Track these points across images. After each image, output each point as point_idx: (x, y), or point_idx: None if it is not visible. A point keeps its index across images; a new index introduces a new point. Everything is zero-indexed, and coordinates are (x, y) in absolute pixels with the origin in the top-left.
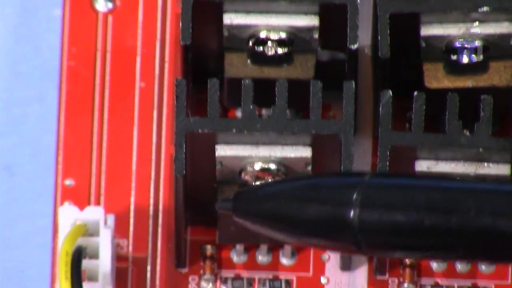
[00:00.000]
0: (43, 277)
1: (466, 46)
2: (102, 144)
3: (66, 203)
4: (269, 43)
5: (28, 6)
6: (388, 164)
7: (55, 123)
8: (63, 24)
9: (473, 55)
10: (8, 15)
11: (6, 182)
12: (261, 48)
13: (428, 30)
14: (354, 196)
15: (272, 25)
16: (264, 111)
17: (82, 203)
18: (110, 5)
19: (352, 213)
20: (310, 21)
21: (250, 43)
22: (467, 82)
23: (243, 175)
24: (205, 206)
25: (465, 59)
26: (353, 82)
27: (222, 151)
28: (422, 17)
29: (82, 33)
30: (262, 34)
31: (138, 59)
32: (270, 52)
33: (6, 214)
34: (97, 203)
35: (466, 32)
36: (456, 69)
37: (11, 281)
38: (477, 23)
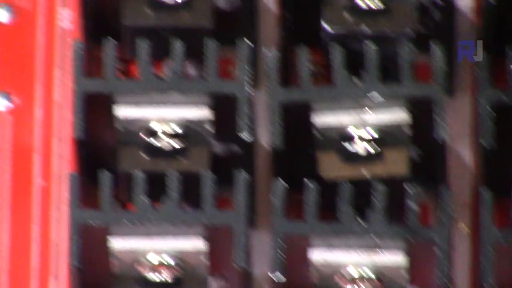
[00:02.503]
0: None
1: (359, 135)
2: None
3: None
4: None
5: None
6: (282, 253)
7: None
8: None
9: (367, 144)
10: None
11: None
12: (154, 141)
13: (321, 119)
14: None
15: (164, 118)
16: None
17: None
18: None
19: None
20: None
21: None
22: (363, 172)
23: (138, 268)
24: None
25: (359, 149)
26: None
27: (116, 244)
28: (314, 105)
29: None
30: (154, 127)
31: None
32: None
33: None
34: None
35: (359, 121)
36: (351, 158)
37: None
38: (369, 110)
